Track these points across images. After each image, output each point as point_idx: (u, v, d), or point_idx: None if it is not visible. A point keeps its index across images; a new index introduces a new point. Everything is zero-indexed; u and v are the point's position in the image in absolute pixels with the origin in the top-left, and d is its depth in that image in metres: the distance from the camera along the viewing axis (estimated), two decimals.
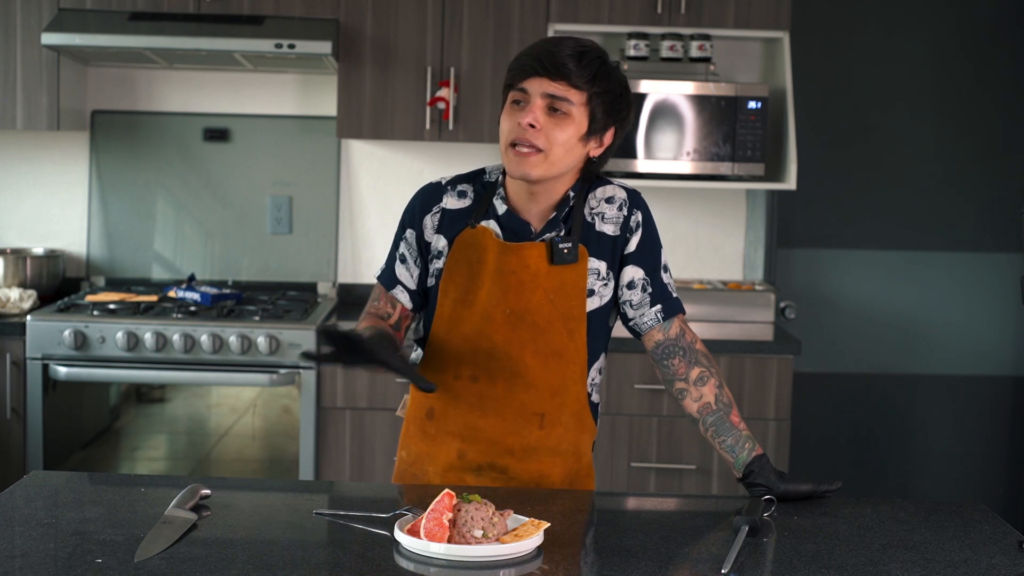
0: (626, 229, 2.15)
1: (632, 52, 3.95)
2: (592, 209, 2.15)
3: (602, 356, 2.21)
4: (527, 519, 1.79)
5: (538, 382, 2.13)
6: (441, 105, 3.87)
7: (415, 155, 4.26)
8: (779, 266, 4.38)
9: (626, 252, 2.16)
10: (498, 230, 2.13)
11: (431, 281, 2.18)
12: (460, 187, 2.18)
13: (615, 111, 2.10)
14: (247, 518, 1.92)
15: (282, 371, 3.64)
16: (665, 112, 3.89)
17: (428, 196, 2.19)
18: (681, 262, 4.31)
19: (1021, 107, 4.42)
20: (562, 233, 2.12)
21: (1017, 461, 4.53)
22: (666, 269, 2.20)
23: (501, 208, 2.14)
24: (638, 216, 2.17)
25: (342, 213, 4.27)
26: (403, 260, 2.20)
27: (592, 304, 2.14)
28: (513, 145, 2.06)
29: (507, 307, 2.11)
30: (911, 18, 4.39)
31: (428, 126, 3.90)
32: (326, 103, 4.21)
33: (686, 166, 3.91)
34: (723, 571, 1.69)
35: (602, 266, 2.14)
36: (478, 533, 1.72)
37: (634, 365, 3.67)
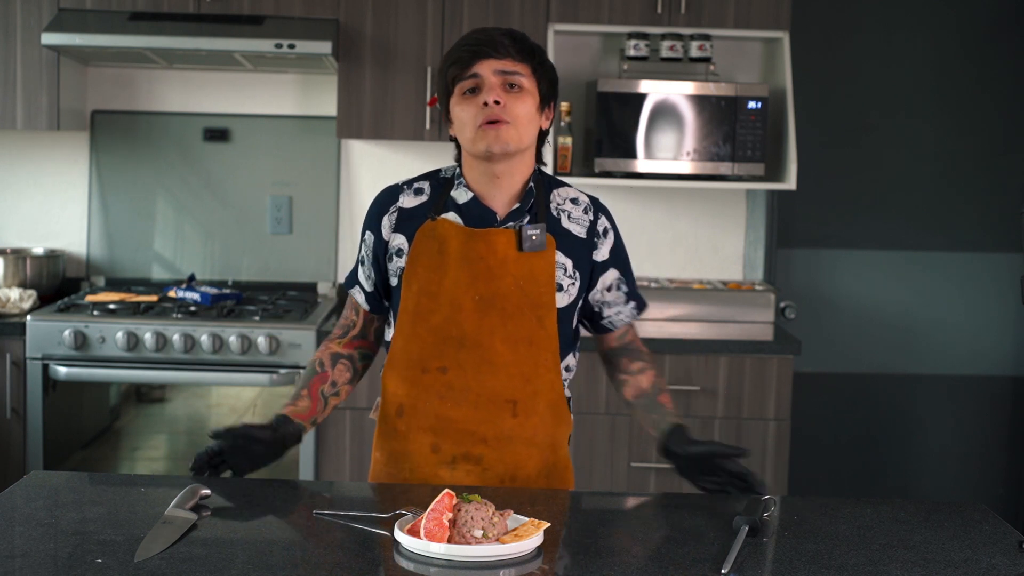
0: (593, 234, 2.20)
1: (632, 52, 3.95)
2: (558, 206, 2.19)
3: (571, 355, 2.23)
4: (527, 519, 1.79)
5: (509, 368, 2.13)
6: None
7: (415, 155, 4.26)
8: (779, 266, 4.38)
9: (598, 260, 2.21)
10: (459, 220, 2.15)
11: (394, 280, 2.19)
12: (416, 185, 2.22)
13: (554, 83, 2.19)
14: (247, 518, 1.92)
15: (282, 371, 3.64)
16: (665, 112, 3.89)
17: (385, 197, 2.23)
18: (681, 262, 4.31)
19: (1021, 107, 4.42)
20: (527, 221, 2.15)
21: (1017, 461, 4.53)
22: (630, 266, 2.29)
23: (464, 196, 2.16)
24: (604, 222, 2.22)
25: (342, 213, 4.27)
26: (362, 263, 2.25)
27: (561, 301, 2.16)
28: (480, 127, 2.09)
29: (476, 293, 2.12)
30: (911, 18, 4.39)
31: (428, 126, 3.90)
32: (326, 103, 4.21)
33: (686, 166, 3.91)
34: (723, 571, 1.69)
35: (568, 263, 2.17)
36: (478, 533, 1.72)
37: None
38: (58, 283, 4.12)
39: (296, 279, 4.24)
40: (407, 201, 2.19)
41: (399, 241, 2.17)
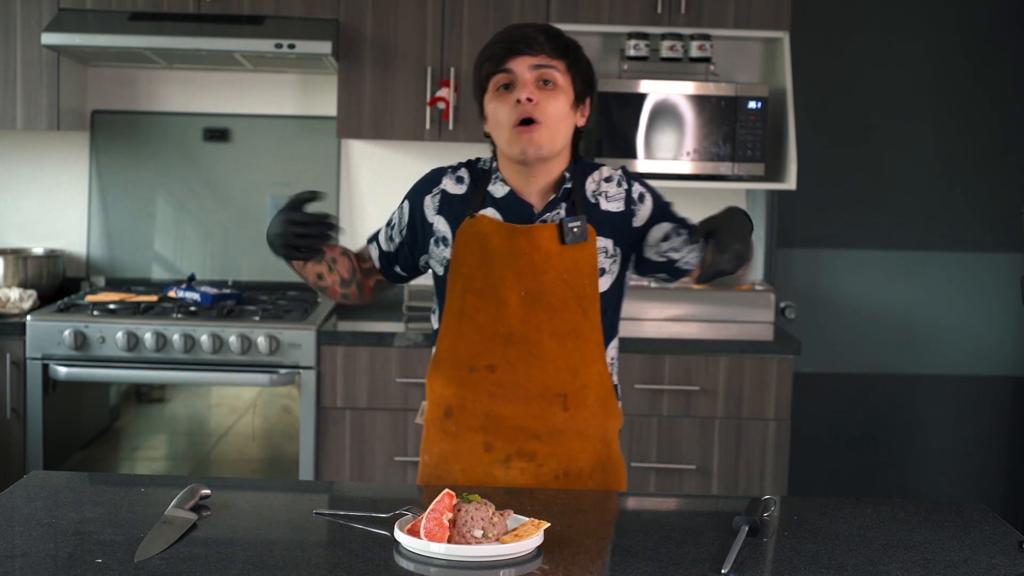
0: (630, 202, 2.20)
1: (632, 52, 3.95)
2: (594, 191, 2.19)
3: (615, 340, 2.24)
4: (527, 519, 1.79)
5: (557, 362, 2.14)
6: (441, 105, 3.87)
7: (415, 155, 4.26)
8: (779, 266, 4.38)
9: (637, 226, 2.19)
10: (498, 216, 2.16)
11: (440, 269, 2.20)
12: (458, 172, 2.23)
13: (590, 79, 2.19)
14: (247, 518, 1.92)
15: (282, 371, 3.64)
16: (665, 112, 3.89)
17: (431, 177, 2.25)
18: None
19: (1021, 107, 4.42)
20: (563, 213, 2.16)
21: (1017, 461, 4.53)
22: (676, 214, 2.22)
23: (501, 191, 2.17)
24: (638, 188, 2.22)
25: (342, 213, 4.27)
26: (389, 224, 2.28)
27: (604, 284, 2.17)
28: (515, 129, 2.10)
29: (521, 289, 2.13)
30: (911, 18, 4.39)
31: (428, 126, 3.90)
32: (326, 103, 4.21)
33: (686, 166, 3.91)
34: (723, 571, 1.69)
35: (609, 243, 2.18)
36: (478, 533, 1.72)
37: (634, 365, 3.67)
38: (58, 283, 4.12)
39: (296, 279, 4.24)
40: (450, 186, 2.22)
41: (443, 227, 2.19)
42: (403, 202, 2.26)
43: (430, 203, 2.21)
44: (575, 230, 2.13)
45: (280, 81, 4.26)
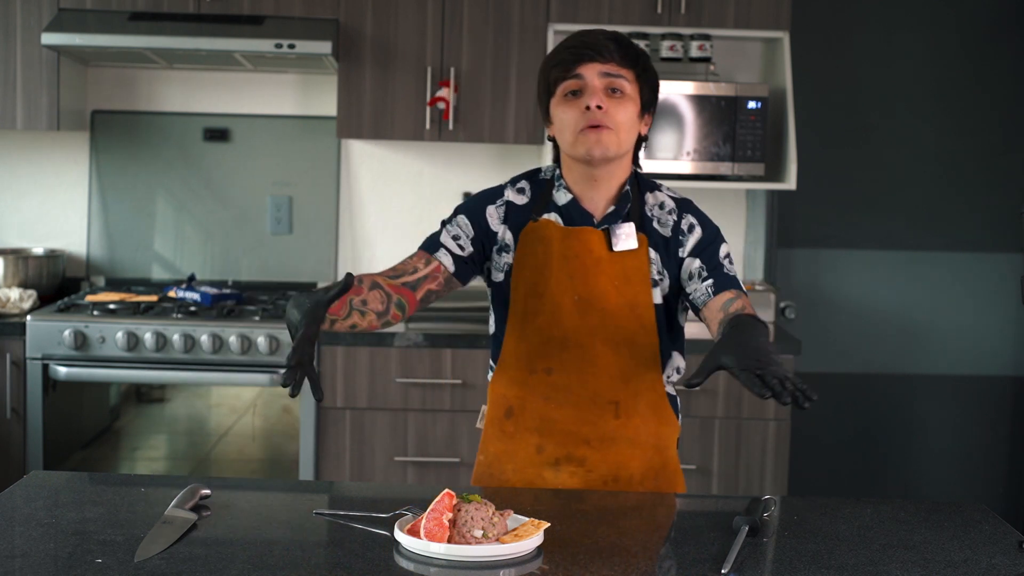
0: (678, 232, 2.18)
1: None
2: (650, 208, 2.19)
3: (677, 356, 2.22)
4: (527, 519, 1.79)
5: (610, 368, 2.14)
6: (441, 105, 3.87)
7: (415, 155, 4.26)
8: (779, 266, 4.38)
9: (682, 255, 2.17)
10: (560, 221, 2.16)
11: (500, 276, 2.20)
12: (519, 184, 2.23)
13: (656, 89, 2.21)
14: (247, 518, 1.92)
15: (282, 371, 3.63)
16: (665, 112, 3.89)
17: (491, 191, 2.24)
18: None
19: (1021, 107, 4.42)
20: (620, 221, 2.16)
21: (1017, 461, 4.53)
22: (727, 257, 2.19)
23: (564, 198, 2.17)
24: (689, 219, 2.19)
25: (342, 213, 4.27)
26: (450, 235, 2.19)
27: (656, 298, 2.16)
28: (581, 131, 2.09)
29: (575, 293, 2.14)
30: (911, 18, 4.39)
31: (428, 126, 3.90)
32: (326, 103, 4.21)
33: (686, 166, 3.91)
34: (723, 571, 1.69)
35: (658, 260, 2.17)
36: (478, 533, 1.72)
37: None
38: (58, 283, 4.12)
39: (296, 279, 4.24)
40: (513, 197, 2.21)
41: (507, 236, 2.18)
42: (457, 216, 2.20)
43: (494, 213, 2.20)
44: (623, 236, 2.13)
45: (280, 81, 4.26)
